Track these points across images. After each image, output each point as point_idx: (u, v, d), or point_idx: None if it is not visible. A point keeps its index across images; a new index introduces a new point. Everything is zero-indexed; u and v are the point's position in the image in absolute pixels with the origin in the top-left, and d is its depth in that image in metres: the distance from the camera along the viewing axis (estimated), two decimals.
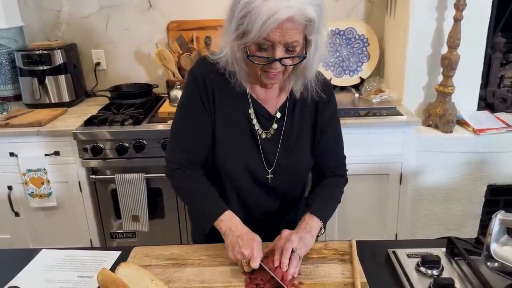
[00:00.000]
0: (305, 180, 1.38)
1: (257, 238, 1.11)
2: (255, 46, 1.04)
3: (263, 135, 1.22)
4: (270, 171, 1.23)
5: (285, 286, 1.01)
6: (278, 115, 1.22)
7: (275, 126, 1.22)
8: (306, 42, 1.07)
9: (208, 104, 1.18)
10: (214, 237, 1.18)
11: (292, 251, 1.07)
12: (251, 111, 1.20)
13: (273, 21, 0.96)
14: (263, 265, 1.07)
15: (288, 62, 1.06)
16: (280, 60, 1.04)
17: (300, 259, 1.08)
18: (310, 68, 1.13)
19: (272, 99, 1.23)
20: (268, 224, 1.29)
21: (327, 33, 1.12)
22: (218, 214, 1.16)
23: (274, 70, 1.07)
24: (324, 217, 1.20)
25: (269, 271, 1.05)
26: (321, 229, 1.19)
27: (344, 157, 1.36)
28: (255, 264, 1.06)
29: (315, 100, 1.22)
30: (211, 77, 1.17)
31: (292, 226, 1.19)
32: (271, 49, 1.03)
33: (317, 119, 1.24)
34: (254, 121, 1.21)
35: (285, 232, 1.13)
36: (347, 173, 1.36)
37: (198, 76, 1.18)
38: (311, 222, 1.17)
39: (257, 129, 1.21)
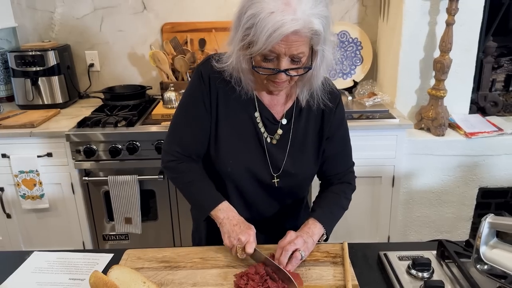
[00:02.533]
0: (308, 187, 1.38)
1: (253, 227, 1.14)
2: (260, 57, 1.04)
3: (269, 140, 1.22)
4: (276, 175, 1.24)
5: (288, 275, 1.03)
6: (284, 121, 1.22)
7: (280, 131, 1.22)
8: (313, 53, 1.06)
9: (209, 104, 1.19)
10: (214, 238, 1.20)
11: (295, 250, 1.08)
12: (257, 114, 1.20)
13: (279, 34, 0.96)
14: (257, 249, 1.10)
15: (293, 72, 1.06)
16: (285, 71, 1.04)
17: (302, 259, 1.10)
18: (316, 77, 1.13)
19: (279, 105, 1.23)
20: (270, 228, 1.30)
21: (334, 41, 1.11)
22: (216, 203, 1.18)
23: (280, 80, 1.07)
24: (328, 225, 1.20)
25: (266, 257, 1.08)
26: (322, 235, 1.20)
27: (352, 164, 1.35)
28: (251, 250, 1.09)
29: (322, 109, 1.21)
30: (217, 84, 1.17)
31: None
32: (276, 60, 1.03)
33: (323, 127, 1.24)
34: (260, 125, 1.21)
35: (291, 234, 1.13)
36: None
37: (204, 75, 1.18)
38: (313, 228, 1.17)
39: (263, 133, 1.21)
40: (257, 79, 1.13)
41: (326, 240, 1.22)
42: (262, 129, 1.21)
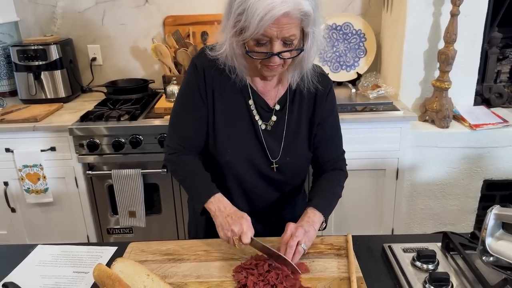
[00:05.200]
0: (305, 174, 1.39)
1: (246, 216, 1.13)
2: (253, 41, 1.06)
3: (263, 126, 1.23)
4: (274, 161, 1.24)
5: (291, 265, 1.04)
6: (277, 107, 1.24)
7: (274, 118, 1.23)
8: (303, 35, 1.08)
9: (205, 96, 1.21)
10: (212, 231, 1.20)
11: (297, 244, 1.08)
12: (251, 102, 1.22)
13: (270, 17, 0.98)
14: (254, 238, 1.09)
15: (286, 55, 1.08)
16: (278, 54, 1.06)
17: (304, 251, 1.10)
18: (308, 60, 1.15)
19: (272, 91, 1.24)
20: (270, 217, 1.32)
21: (324, 24, 1.15)
22: (208, 196, 1.17)
23: (273, 64, 1.09)
24: (326, 212, 1.21)
25: (265, 245, 1.08)
26: (322, 223, 1.20)
27: (343, 152, 1.37)
28: (247, 240, 1.07)
29: (314, 93, 1.23)
30: (211, 73, 1.19)
31: (293, 221, 1.19)
32: (269, 43, 1.05)
33: (315, 112, 1.26)
34: (254, 112, 1.22)
35: (290, 226, 1.13)
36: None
37: (199, 67, 1.20)
38: (313, 216, 1.18)
39: (257, 120, 1.23)
40: (251, 64, 1.14)
41: (325, 228, 1.23)
42: (257, 117, 1.23)
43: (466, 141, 2.18)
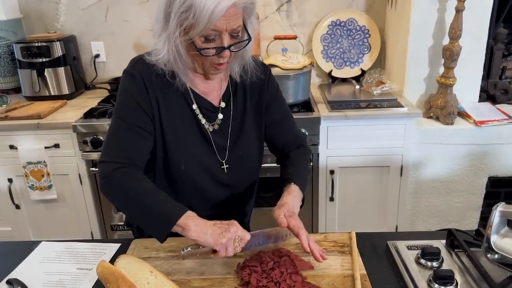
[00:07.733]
0: (257, 173, 1.34)
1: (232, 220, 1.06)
2: (201, 39, 1.03)
3: (210, 128, 1.20)
4: (224, 161, 1.22)
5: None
6: (223, 104, 1.21)
7: (220, 116, 1.21)
8: (244, 26, 1.09)
9: (150, 105, 1.13)
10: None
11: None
12: (195, 106, 1.18)
13: (221, 9, 0.97)
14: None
15: (236, 47, 1.08)
16: (229, 47, 1.05)
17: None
18: (248, 50, 1.15)
19: (214, 90, 1.22)
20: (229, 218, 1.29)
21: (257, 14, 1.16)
22: (183, 210, 1.02)
23: (223, 59, 1.07)
24: (304, 189, 1.20)
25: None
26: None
27: (299, 130, 1.36)
28: (248, 236, 1.02)
29: (255, 82, 1.23)
30: (152, 79, 1.12)
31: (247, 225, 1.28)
32: (218, 38, 1.03)
33: (259, 99, 1.25)
34: (200, 116, 1.19)
35: (302, 231, 1.06)
36: (350, 165, 1.38)
37: (137, 76, 1.12)
38: (297, 194, 1.16)
39: (204, 124, 1.19)
40: (197, 64, 1.11)
41: (301, 206, 1.19)
42: (203, 120, 1.19)
43: (470, 137, 2.17)
